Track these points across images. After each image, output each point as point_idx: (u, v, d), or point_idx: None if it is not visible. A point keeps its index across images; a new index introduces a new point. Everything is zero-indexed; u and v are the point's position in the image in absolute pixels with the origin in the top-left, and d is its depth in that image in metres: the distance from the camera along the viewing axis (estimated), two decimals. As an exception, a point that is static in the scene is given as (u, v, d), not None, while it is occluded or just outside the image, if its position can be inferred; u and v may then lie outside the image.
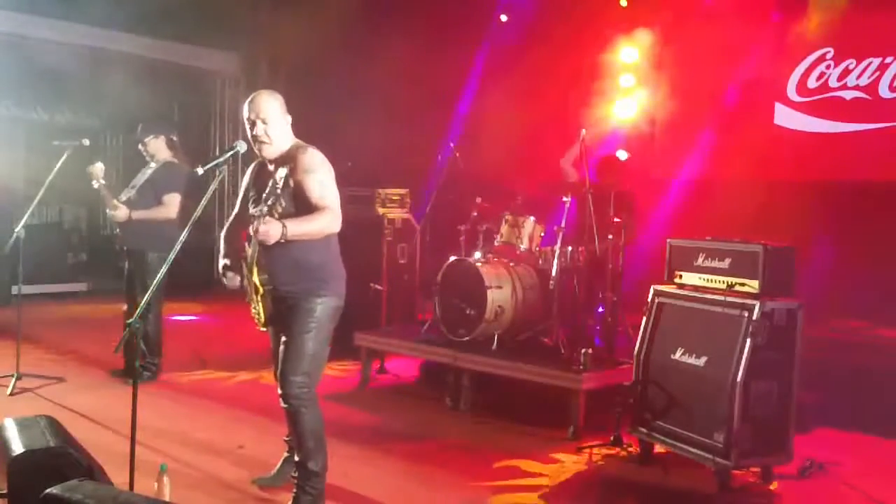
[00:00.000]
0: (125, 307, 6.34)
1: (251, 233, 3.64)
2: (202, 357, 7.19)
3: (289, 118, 3.91)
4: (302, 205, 3.74)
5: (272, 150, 3.85)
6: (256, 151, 3.89)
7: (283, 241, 3.61)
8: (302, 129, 4.00)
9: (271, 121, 3.82)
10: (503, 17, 9.21)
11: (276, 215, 3.73)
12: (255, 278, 3.81)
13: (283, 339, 3.84)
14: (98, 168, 6.00)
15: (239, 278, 3.95)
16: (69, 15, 9.59)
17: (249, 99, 3.87)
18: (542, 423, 5.43)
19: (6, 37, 9.30)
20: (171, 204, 6.16)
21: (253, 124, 3.82)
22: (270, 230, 3.57)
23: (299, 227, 3.66)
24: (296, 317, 3.80)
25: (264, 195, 3.78)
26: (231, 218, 4.18)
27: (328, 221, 3.74)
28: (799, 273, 4.47)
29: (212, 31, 10.29)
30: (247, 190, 4.08)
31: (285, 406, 3.83)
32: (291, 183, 3.74)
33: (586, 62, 8.41)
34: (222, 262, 4.02)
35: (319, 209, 3.72)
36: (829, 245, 6.26)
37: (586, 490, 4.48)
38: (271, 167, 3.91)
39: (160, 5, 9.18)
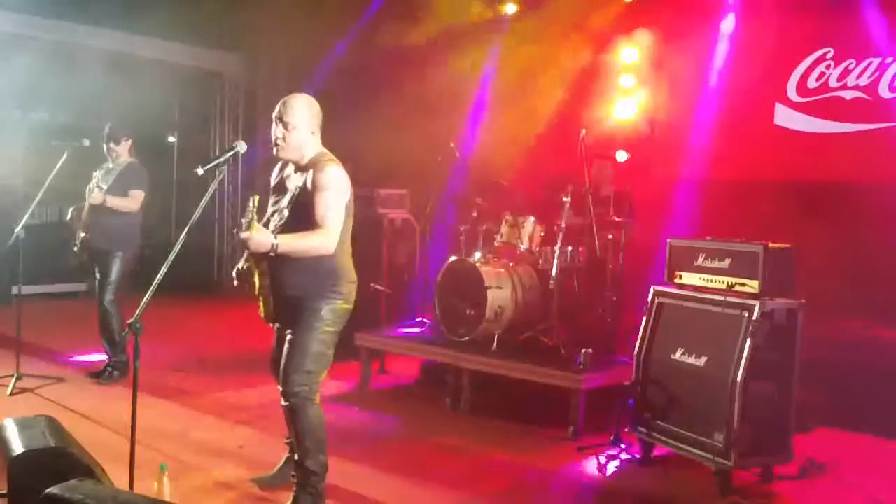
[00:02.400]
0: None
1: (240, 235, 3.61)
2: (202, 357, 7.19)
3: (316, 130, 3.91)
4: (304, 219, 3.77)
5: (286, 155, 3.89)
6: (274, 151, 3.90)
7: (272, 254, 3.65)
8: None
9: (294, 126, 3.83)
10: (511, 7, 9.14)
11: (279, 222, 3.83)
12: (256, 278, 3.84)
13: (288, 337, 3.86)
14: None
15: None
16: (69, 15, 9.59)
17: (284, 99, 3.90)
18: (542, 423, 5.43)
19: (6, 37, 9.30)
20: (136, 199, 6.30)
21: (275, 124, 3.85)
22: (261, 240, 3.60)
23: (290, 244, 3.69)
24: (301, 317, 3.82)
25: (280, 201, 3.84)
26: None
27: (320, 243, 3.75)
28: (799, 273, 4.47)
29: (213, 32, 10.28)
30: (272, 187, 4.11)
31: (284, 404, 3.84)
32: (302, 194, 3.79)
33: (586, 62, 8.40)
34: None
35: (317, 228, 3.74)
36: (829, 245, 6.25)
37: (586, 490, 4.48)
38: (289, 171, 3.93)
39: (160, 5, 9.18)
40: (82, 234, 6.27)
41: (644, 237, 6.38)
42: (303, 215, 3.76)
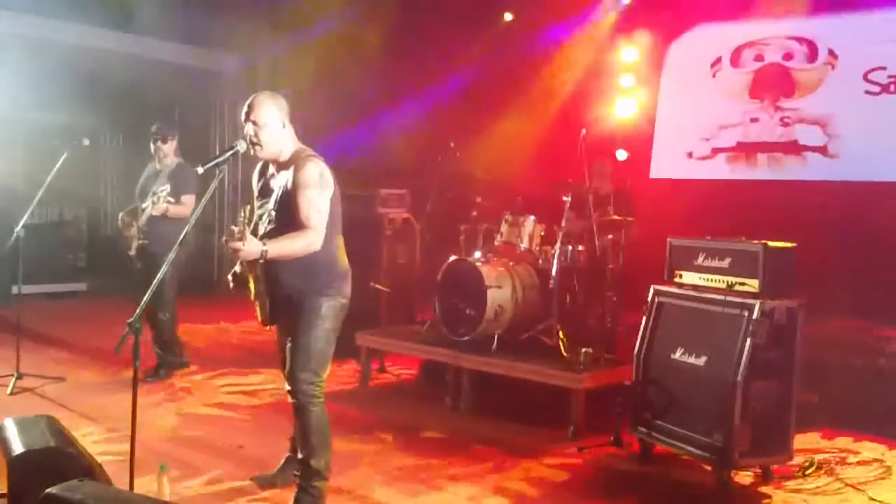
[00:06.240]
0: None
1: (228, 243, 3.59)
2: (202, 357, 7.18)
3: (286, 121, 3.89)
4: (290, 219, 3.77)
5: (266, 153, 3.88)
6: (252, 153, 3.91)
7: (261, 260, 3.65)
8: (302, 129, 4.00)
9: (264, 124, 3.82)
10: (508, 16, 9.17)
11: (268, 224, 3.85)
12: (251, 283, 3.88)
13: (290, 337, 3.88)
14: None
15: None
16: (69, 15, 9.59)
17: (248, 100, 3.88)
18: (542, 423, 5.43)
19: (6, 37, 9.30)
20: (189, 204, 6.27)
21: (245, 126, 3.84)
22: (251, 250, 3.60)
23: (279, 248, 3.70)
24: (301, 315, 3.84)
25: (266, 203, 3.88)
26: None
27: (309, 242, 3.77)
28: (799, 273, 4.47)
29: (212, 31, 10.28)
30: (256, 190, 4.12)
31: (293, 402, 3.87)
32: (286, 194, 3.79)
33: (586, 62, 8.41)
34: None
35: (303, 228, 3.75)
36: (829, 245, 6.25)
37: (586, 490, 4.48)
38: (272, 170, 3.94)
39: (160, 5, 9.18)
40: (139, 241, 6.26)
41: (644, 237, 6.38)
42: (289, 215, 3.78)
